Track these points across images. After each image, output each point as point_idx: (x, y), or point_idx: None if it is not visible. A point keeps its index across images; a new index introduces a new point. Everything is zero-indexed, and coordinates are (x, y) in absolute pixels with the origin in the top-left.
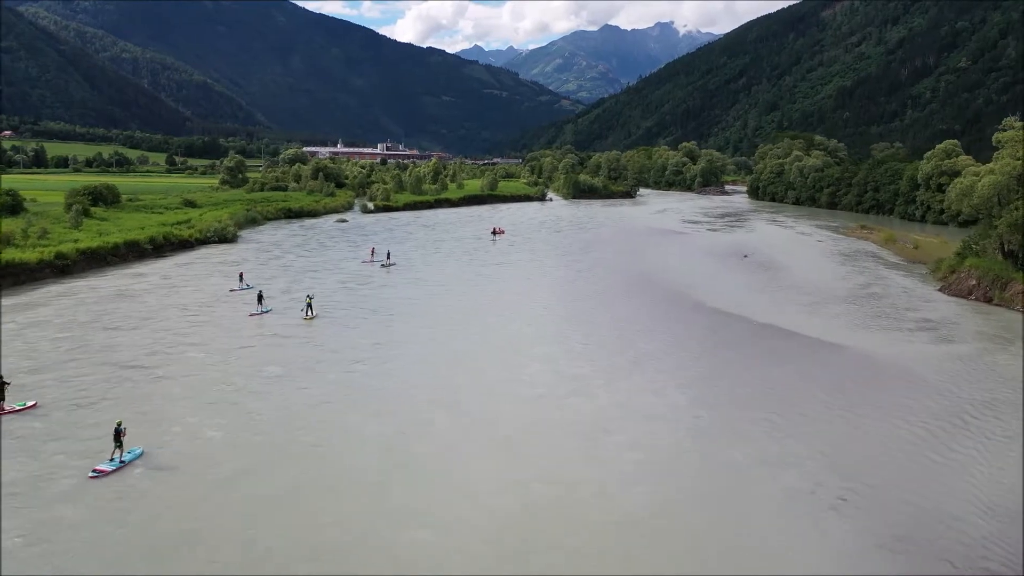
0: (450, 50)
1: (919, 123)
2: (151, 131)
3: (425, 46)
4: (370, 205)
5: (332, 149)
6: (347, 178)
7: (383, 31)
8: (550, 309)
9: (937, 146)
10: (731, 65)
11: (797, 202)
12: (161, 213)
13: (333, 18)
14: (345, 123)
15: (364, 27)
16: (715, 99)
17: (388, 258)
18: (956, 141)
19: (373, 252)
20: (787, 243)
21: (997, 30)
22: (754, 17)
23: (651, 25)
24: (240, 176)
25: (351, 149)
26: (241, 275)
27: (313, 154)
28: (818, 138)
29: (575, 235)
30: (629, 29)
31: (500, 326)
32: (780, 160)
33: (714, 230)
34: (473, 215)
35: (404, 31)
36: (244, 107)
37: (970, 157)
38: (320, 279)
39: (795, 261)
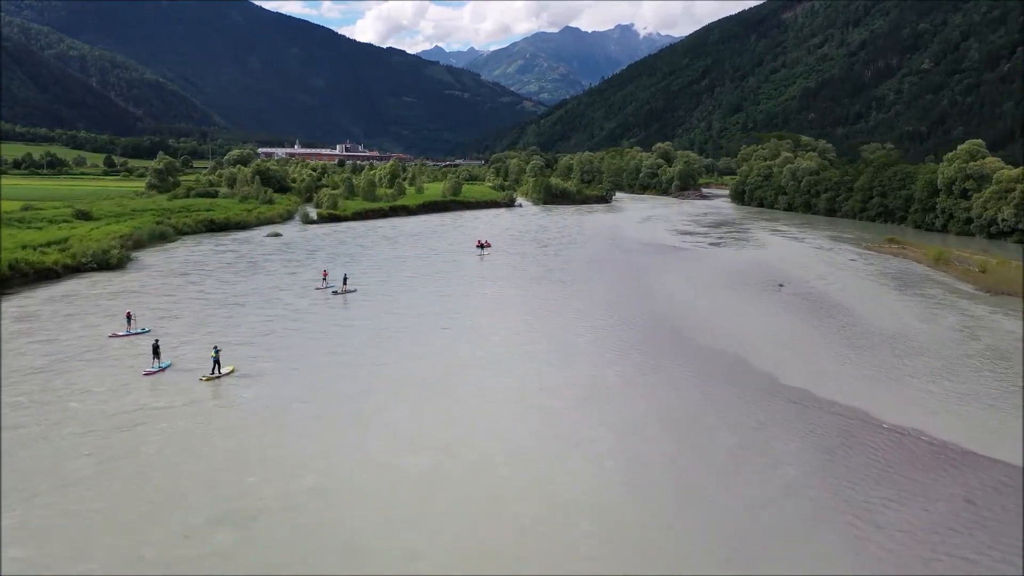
0: (411, 51)
1: (884, 124)
2: (99, 131)
3: (385, 46)
4: (313, 214)
5: (289, 150)
6: (295, 181)
7: (343, 31)
8: (562, 383)
9: (959, 146)
10: (693, 66)
11: (790, 208)
12: (39, 229)
13: (292, 17)
14: (305, 124)
15: (323, 27)
16: (678, 100)
17: (344, 283)
18: (980, 141)
19: (325, 276)
20: (813, 263)
21: (959, 32)
22: (714, 20)
23: (611, 27)
24: (171, 179)
25: (309, 150)
26: (129, 315)
27: (269, 155)
28: (805, 138)
29: (564, 251)
30: (590, 31)
31: (485, 416)
32: (767, 162)
33: (716, 244)
34: (437, 225)
35: (364, 31)
36: (199, 107)
37: (998, 159)
38: (244, 318)
39: (845, 292)
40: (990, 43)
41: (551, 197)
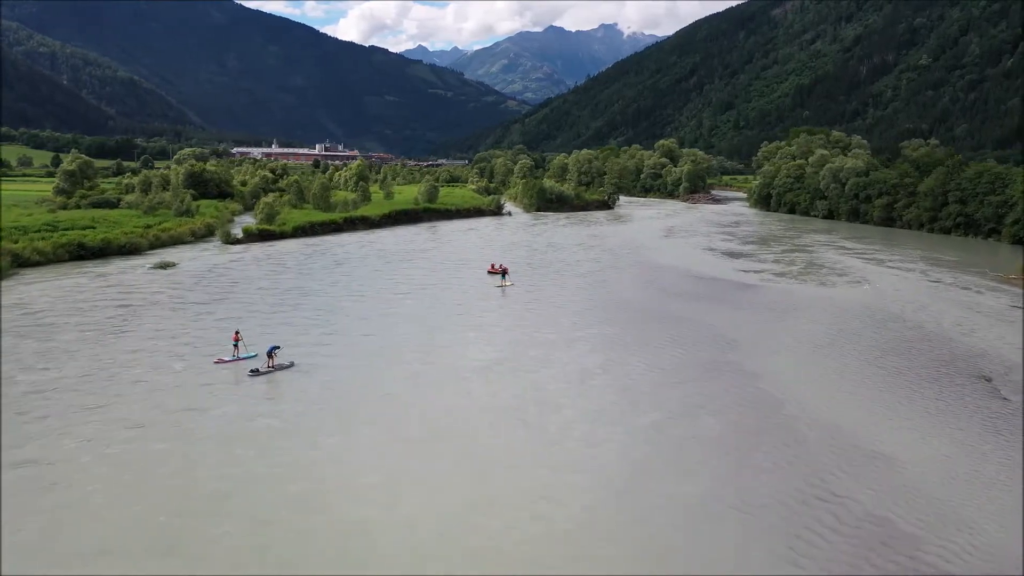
0: (394, 50)
1: (883, 122)
2: (67, 130)
3: (368, 45)
4: (239, 231)
5: (266, 150)
6: (244, 184)
7: (325, 30)
8: None
9: None
10: (681, 64)
11: (831, 216)
12: None
13: (272, 15)
14: (284, 123)
15: (304, 25)
16: (666, 98)
17: (271, 359)
18: None
19: (237, 340)
20: (965, 315)
21: (957, 27)
22: (698, 19)
23: (595, 27)
24: (87, 183)
25: (286, 150)
26: None
27: (245, 155)
28: (836, 134)
29: (596, 291)
30: (573, 31)
31: None
32: (798, 161)
33: (785, 275)
34: (416, 242)
35: (347, 31)
36: (175, 106)
37: None
38: (39, 443)
39: None
40: (991, 37)
41: (545, 202)
